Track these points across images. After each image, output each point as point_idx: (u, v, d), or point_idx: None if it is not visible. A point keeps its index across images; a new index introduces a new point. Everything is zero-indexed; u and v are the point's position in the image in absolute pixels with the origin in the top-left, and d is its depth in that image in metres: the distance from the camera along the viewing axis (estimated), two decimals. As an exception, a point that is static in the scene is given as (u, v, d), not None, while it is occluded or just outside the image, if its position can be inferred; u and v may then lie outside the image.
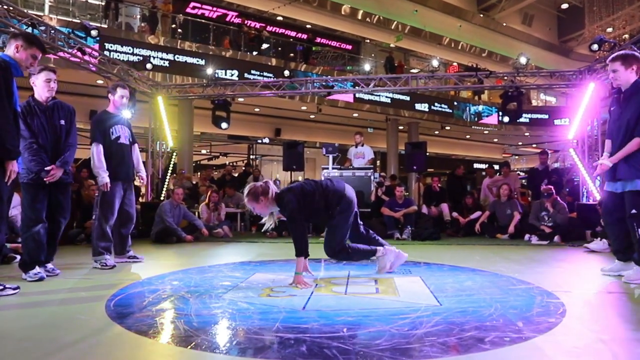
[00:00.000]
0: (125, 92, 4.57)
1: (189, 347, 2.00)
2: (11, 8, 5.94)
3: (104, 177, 4.25)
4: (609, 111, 3.81)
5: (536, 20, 26.41)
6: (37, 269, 3.58)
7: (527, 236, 6.90)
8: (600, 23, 23.22)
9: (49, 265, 3.83)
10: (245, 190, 3.46)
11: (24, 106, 3.56)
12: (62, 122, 3.76)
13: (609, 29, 22.69)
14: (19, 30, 5.73)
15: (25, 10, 7.05)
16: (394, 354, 1.89)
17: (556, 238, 6.61)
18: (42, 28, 6.55)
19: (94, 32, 7.36)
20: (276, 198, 3.46)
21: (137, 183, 5.13)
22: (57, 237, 3.86)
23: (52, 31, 6.74)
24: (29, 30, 6.29)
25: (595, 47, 7.40)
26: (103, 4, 13.01)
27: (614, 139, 3.65)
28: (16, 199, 4.93)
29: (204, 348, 1.99)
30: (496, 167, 17.41)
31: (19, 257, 4.56)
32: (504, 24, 24.63)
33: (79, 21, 9.96)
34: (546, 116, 19.45)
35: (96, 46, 9.52)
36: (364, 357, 1.87)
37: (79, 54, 7.18)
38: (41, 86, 3.64)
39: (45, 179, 3.58)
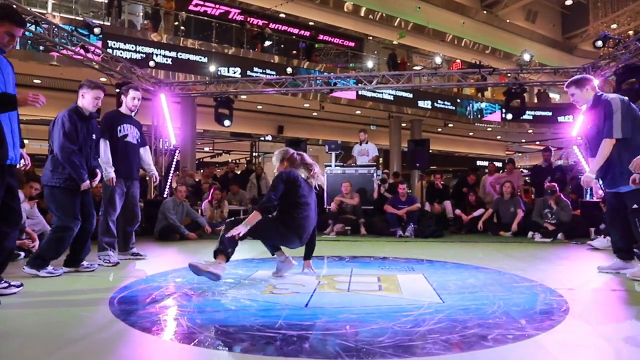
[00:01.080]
0: (137, 94, 4.61)
1: (192, 344, 2.01)
2: (14, 6, 5.95)
3: (110, 172, 4.32)
4: (585, 129, 3.94)
5: (540, 17, 26.25)
6: (52, 267, 3.69)
7: (530, 234, 6.88)
8: (604, 19, 23.07)
9: (85, 263, 3.96)
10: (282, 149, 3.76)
11: (74, 113, 3.74)
12: (94, 136, 3.97)
13: (614, 26, 22.54)
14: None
15: (29, 8, 7.06)
16: (396, 351, 1.89)
17: (560, 235, 6.59)
18: (45, 26, 6.56)
19: (96, 30, 7.36)
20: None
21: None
22: (89, 235, 3.97)
23: (55, 29, 6.75)
24: (33, 27, 6.31)
25: (599, 43, 7.35)
26: (106, 1, 13.02)
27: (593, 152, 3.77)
28: (21, 195, 4.96)
29: (207, 345, 2.00)
30: (498, 164, 17.36)
31: (23, 254, 4.60)
32: (508, 21, 24.50)
33: (82, 19, 9.96)
34: (550, 113, 19.35)
35: (99, 44, 9.54)
36: (367, 354, 1.87)
37: (82, 51, 7.18)
38: (89, 101, 3.83)
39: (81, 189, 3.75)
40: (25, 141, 15.63)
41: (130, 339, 2.12)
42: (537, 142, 23.69)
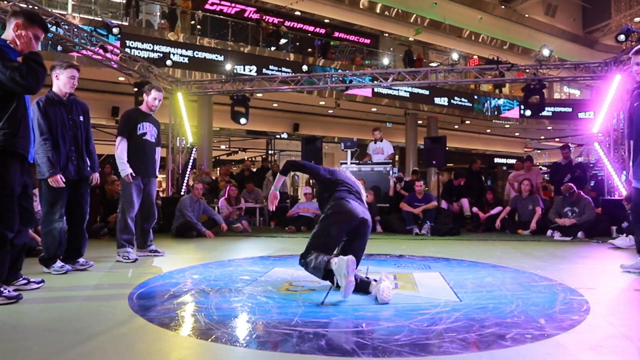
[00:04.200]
0: (160, 95, 4.66)
1: (210, 339, 2.03)
2: (36, 7, 6.07)
3: (125, 169, 4.35)
4: (631, 107, 3.71)
5: (560, 11, 25.76)
6: (61, 263, 3.68)
7: (549, 232, 6.77)
8: (627, 12, 22.53)
9: (81, 260, 3.89)
10: None
11: (43, 100, 3.61)
12: (81, 118, 3.84)
13: (637, 19, 22.00)
14: (20, 7, 5.53)
15: (50, 9, 7.20)
16: (413, 350, 1.89)
17: (580, 234, 6.46)
18: (66, 27, 6.68)
19: (115, 30, 7.47)
20: None
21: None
22: (81, 231, 3.87)
23: (75, 29, 6.87)
24: (53, 28, 6.43)
25: (622, 37, 7.18)
26: (124, 1, 13.21)
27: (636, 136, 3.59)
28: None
29: (224, 341, 2.01)
30: (512, 161, 17.14)
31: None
32: (526, 15, 24.10)
33: (101, 19, 10.13)
34: (570, 109, 19.01)
35: (117, 44, 9.68)
36: (383, 352, 1.86)
37: (101, 51, 7.30)
38: (64, 82, 3.68)
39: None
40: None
41: (149, 334, 2.15)
42: (557, 139, 23.29)
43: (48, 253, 3.65)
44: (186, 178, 9.19)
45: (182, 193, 8.80)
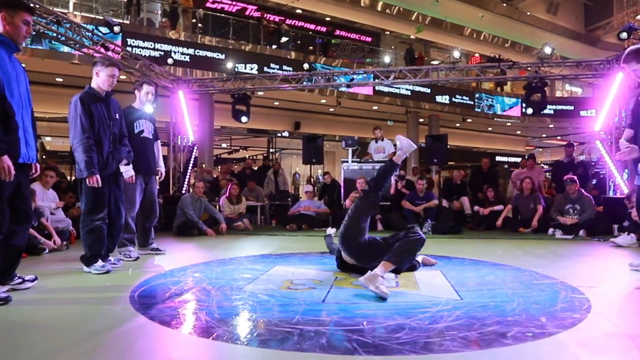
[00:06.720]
0: (151, 88, 4.67)
1: (211, 338, 2.03)
2: (37, 6, 6.08)
3: (128, 170, 4.32)
4: (636, 104, 3.72)
5: (562, 9, 25.68)
6: (102, 262, 3.67)
7: (550, 230, 6.76)
8: (629, 10, 22.43)
9: (112, 259, 3.95)
10: None
11: (85, 95, 3.59)
12: (117, 115, 3.88)
13: (639, 16, 21.91)
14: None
15: (51, 8, 7.20)
16: (414, 348, 1.89)
17: (581, 232, 6.46)
18: (67, 25, 6.68)
19: (116, 28, 7.48)
20: None
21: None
22: (116, 228, 3.95)
23: (77, 28, 6.88)
24: (54, 27, 6.43)
25: (624, 35, 7.15)
26: (125, 0, 13.20)
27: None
28: (38, 191, 5.08)
29: (225, 339, 2.02)
30: (515, 159, 17.08)
31: (47, 249, 4.71)
32: (528, 13, 24.03)
33: (102, 18, 10.12)
34: (571, 107, 18.97)
35: (119, 42, 9.68)
36: (384, 350, 1.86)
37: (102, 50, 7.30)
38: (103, 79, 3.69)
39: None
40: (48, 138, 15.88)
41: (150, 332, 2.16)
42: (559, 137, 23.25)
43: (90, 251, 3.64)
44: (187, 176, 9.19)
45: (183, 191, 8.81)
